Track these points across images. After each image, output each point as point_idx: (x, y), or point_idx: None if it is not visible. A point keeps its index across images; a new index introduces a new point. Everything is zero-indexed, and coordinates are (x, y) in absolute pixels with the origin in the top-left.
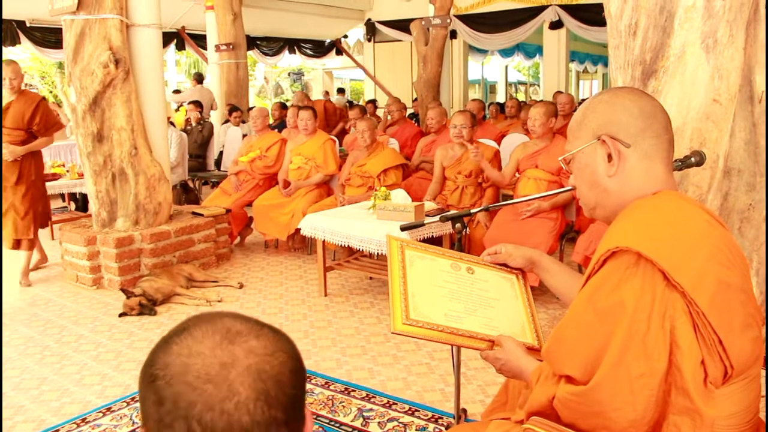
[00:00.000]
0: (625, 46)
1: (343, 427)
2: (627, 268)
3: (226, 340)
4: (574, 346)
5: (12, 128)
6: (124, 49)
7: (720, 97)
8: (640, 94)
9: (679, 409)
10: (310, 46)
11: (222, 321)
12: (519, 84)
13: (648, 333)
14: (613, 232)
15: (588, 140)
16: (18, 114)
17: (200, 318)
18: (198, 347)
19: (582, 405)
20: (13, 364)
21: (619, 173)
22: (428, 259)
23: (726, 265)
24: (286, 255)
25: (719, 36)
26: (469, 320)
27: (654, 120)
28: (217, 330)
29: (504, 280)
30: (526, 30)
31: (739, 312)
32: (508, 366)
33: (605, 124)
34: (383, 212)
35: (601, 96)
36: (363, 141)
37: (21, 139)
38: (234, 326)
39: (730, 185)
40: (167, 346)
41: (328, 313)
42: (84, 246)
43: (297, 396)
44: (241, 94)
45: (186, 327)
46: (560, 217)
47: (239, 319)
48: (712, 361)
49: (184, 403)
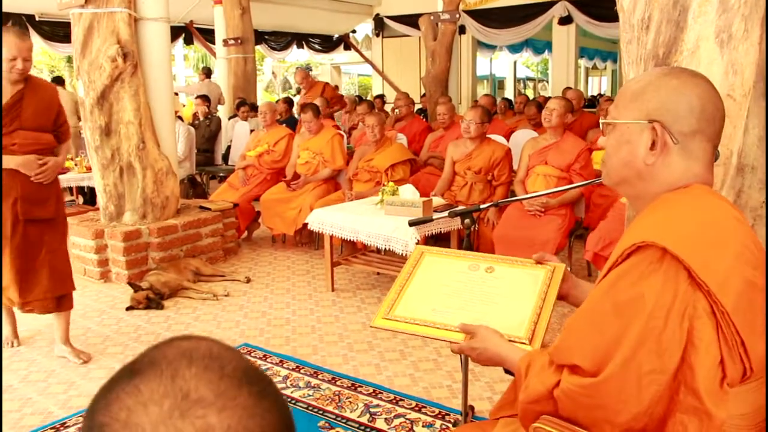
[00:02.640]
0: (637, 40)
1: (350, 423)
2: (650, 263)
3: (176, 412)
4: (586, 335)
5: (35, 130)
6: (132, 43)
7: (734, 93)
8: (710, 91)
9: (686, 408)
10: (318, 41)
11: (183, 376)
12: (528, 80)
13: (664, 331)
14: (639, 226)
15: (638, 118)
16: (42, 109)
17: (158, 359)
18: (138, 416)
19: (588, 397)
20: (20, 356)
21: (657, 164)
22: (446, 262)
23: (753, 264)
24: (294, 250)
25: (734, 30)
26: (457, 315)
27: (711, 124)
28: (169, 392)
29: (528, 276)
30: (536, 25)
31: (761, 313)
32: (486, 354)
33: (663, 110)
34: (391, 207)
35: (671, 78)
36: (372, 136)
37: (50, 146)
38: (197, 388)
39: (743, 182)
40: (110, 394)
41: (335, 309)
42: (92, 239)
43: None
44: (249, 89)
45: (138, 371)
46: (569, 213)
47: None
48: (732, 362)
49: None
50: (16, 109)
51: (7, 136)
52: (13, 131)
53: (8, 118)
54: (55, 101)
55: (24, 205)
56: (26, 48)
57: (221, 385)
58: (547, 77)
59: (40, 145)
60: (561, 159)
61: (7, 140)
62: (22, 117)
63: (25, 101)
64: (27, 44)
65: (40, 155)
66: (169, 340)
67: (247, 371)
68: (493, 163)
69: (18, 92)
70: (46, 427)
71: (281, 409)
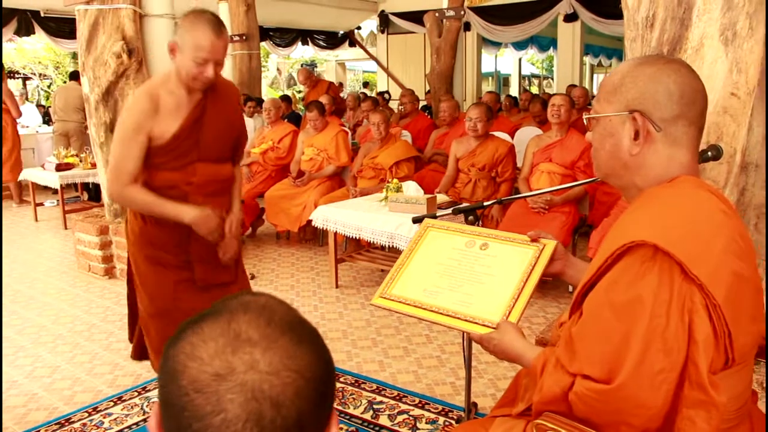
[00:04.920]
0: (642, 38)
1: (353, 420)
2: (643, 262)
3: (229, 348)
4: (592, 345)
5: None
6: (137, 40)
7: (738, 91)
8: (687, 74)
9: (693, 402)
10: (323, 38)
11: (238, 320)
12: (533, 77)
13: (668, 328)
14: (627, 224)
15: (619, 110)
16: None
17: (221, 309)
18: (199, 350)
19: (603, 403)
20: (26, 352)
21: (643, 153)
22: (446, 238)
23: (740, 256)
24: (298, 246)
25: (738, 28)
26: (445, 296)
27: (692, 107)
28: (225, 332)
29: (518, 253)
30: (541, 22)
31: (748, 304)
32: (501, 346)
33: (642, 99)
34: (395, 204)
35: (646, 67)
36: (378, 133)
37: (229, 182)
38: (247, 331)
39: (747, 180)
40: (181, 333)
41: (339, 305)
42: (96, 236)
43: (303, 422)
44: (254, 85)
45: (203, 317)
46: (573, 211)
47: (264, 318)
48: (717, 353)
49: (176, 406)
50: (195, 131)
51: (181, 171)
52: (188, 164)
53: (186, 145)
54: (239, 113)
55: (202, 269)
56: (222, 47)
57: (267, 330)
58: (552, 74)
59: (218, 183)
60: (565, 156)
61: (180, 177)
62: (201, 143)
63: (207, 119)
64: (223, 41)
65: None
66: (235, 294)
67: (292, 322)
68: (496, 159)
69: (197, 107)
70: (52, 422)
71: (319, 354)
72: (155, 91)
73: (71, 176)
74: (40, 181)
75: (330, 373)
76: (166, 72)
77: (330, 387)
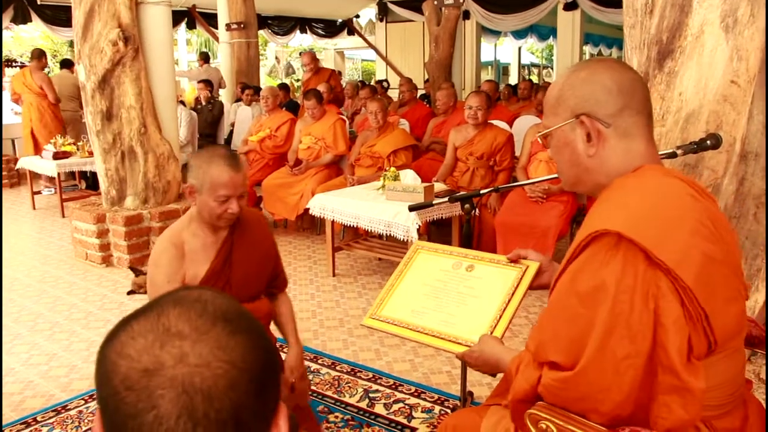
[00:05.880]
0: (641, 25)
1: (349, 408)
2: (608, 250)
3: (158, 343)
4: (557, 331)
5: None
6: (133, 27)
7: (738, 79)
8: (619, 68)
9: (667, 388)
10: (322, 26)
11: (168, 315)
12: (532, 66)
13: (632, 314)
14: (593, 215)
15: (566, 118)
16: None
17: (153, 305)
18: (128, 347)
19: (567, 391)
20: (23, 340)
21: (599, 153)
22: (435, 260)
23: (710, 239)
24: (295, 235)
25: (739, 15)
26: (431, 316)
27: (633, 96)
28: (154, 327)
29: (502, 275)
30: (541, 11)
31: (723, 286)
32: (483, 357)
33: (583, 102)
34: (392, 193)
35: (579, 72)
36: (375, 122)
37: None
38: (177, 324)
39: (747, 169)
40: (113, 333)
41: (335, 294)
42: (93, 224)
43: (240, 415)
44: (252, 74)
45: (135, 315)
46: (571, 200)
47: (195, 311)
48: (697, 336)
49: (111, 406)
50: (226, 271)
51: None
52: None
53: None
54: (270, 242)
55: None
56: (242, 181)
57: (198, 322)
58: (552, 63)
59: None
60: None
61: None
62: (233, 283)
63: (236, 256)
64: (242, 175)
65: None
66: (170, 290)
67: (227, 312)
68: (495, 148)
69: (225, 244)
70: (48, 409)
71: (256, 344)
72: (178, 238)
73: (69, 164)
74: (38, 170)
75: (271, 363)
76: (186, 215)
77: (272, 378)
